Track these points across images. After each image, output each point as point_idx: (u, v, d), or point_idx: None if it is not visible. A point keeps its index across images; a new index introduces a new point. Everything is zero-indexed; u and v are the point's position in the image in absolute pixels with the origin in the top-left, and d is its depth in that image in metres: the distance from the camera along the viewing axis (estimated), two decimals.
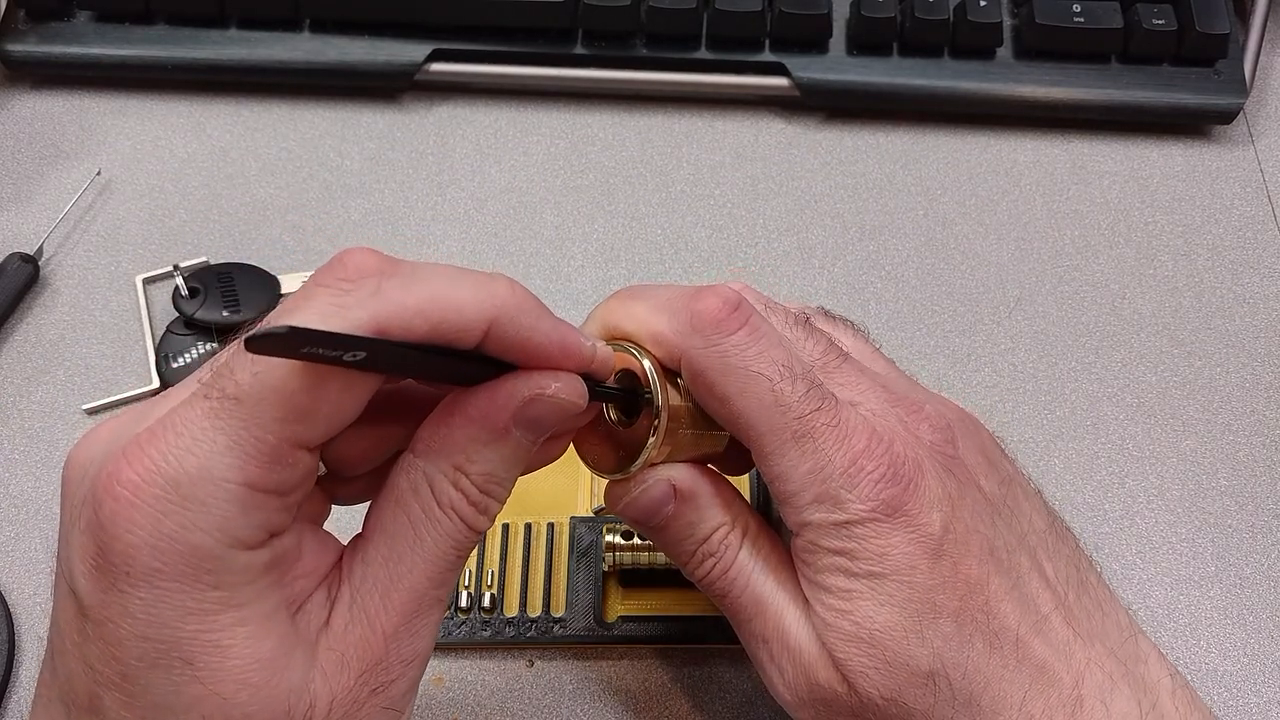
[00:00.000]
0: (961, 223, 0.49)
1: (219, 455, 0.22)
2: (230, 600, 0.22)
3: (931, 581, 0.27)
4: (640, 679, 0.37)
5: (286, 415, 0.22)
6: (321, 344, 0.21)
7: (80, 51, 0.51)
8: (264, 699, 0.23)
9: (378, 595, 0.24)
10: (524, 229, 0.48)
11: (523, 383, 0.25)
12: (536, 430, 0.26)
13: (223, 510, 0.22)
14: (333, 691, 0.24)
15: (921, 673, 0.27)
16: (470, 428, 0.25)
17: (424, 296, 0.23)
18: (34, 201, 0.48)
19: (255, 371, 0.22)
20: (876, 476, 0.27)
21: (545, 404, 0.25)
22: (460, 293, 0.24)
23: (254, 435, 0.22)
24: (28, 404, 0.43)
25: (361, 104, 0.52)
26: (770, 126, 0.52)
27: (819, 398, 0.28)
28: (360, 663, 0.24)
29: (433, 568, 0.25)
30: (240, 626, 0.23)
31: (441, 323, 0.23)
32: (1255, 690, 0.37)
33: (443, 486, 0.25)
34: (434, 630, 0.26)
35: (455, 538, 0.25)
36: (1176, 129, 0.52)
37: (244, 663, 0.23)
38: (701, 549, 0.30)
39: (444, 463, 0.25)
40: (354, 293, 0.23)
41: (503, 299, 0.24)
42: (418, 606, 0.25)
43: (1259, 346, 0.45)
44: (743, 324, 0.28)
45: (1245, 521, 0.41)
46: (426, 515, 0.25)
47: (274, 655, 0.23)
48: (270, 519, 0.23)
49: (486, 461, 0.25)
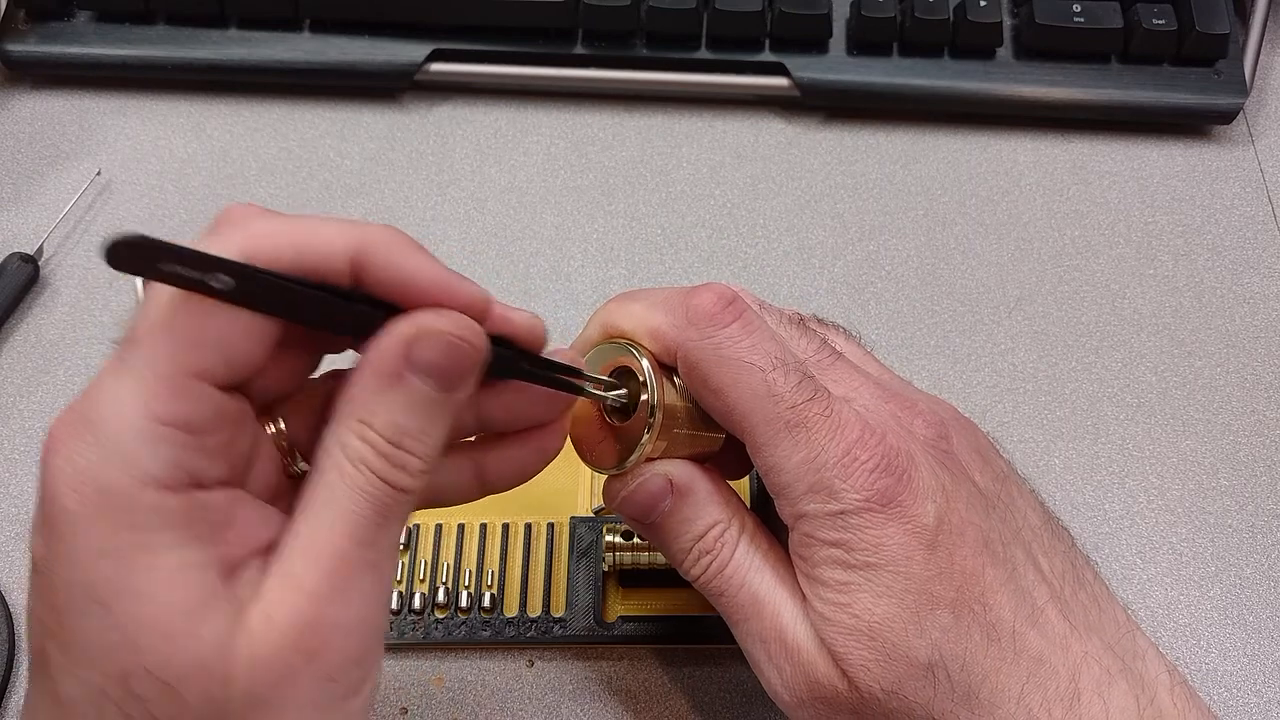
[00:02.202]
0: (961, 223, 0.49)
1: (124, 394, 0.23)
2: (145, 544, 0.23)
3: (928, 572, 0.27)
4: (640, 679, 0.37)
5: (176, 347, 0.23)
6: (179, 260, 0.22)
7: (80, 51, 0.51)
8: (180, 648, 0.22)
9: (302, 557, 0.24)
10: (524, 229, 0.48)
11: (405, 322, 0.25)
12: (436, 375, 0.25)
13: (130, 444, 0.22)
14: (255, 649, 0.23)
15: (921, 664, 0.27)
16: (367, 379, 0.25)
17: (290, 226, 0.25)
18: (34, 201, 0.48)
19: (147, 314, 0.23)
20: (870, 466, 0.27)
21: (433, 343, 0.25)
22: (329, 225, 0.25)
23: (151, 370, 0.23)
24: (28, 404, 0.43)
25: (361, 104, 0.52)
26: (770, 126, 0.52)
27: (812, 389, 0.28)
28: (286, 623, 0.23)
29: (352, 526, 0.24)
30: (156, 573, 0.23)
31: (306, 248, 0.24)
32: (1255, 690, 0.37)
33: (349, 442, 0.24)
34: (372, 598, 0.25)
35: (370, 494, 0.24)
36: (1176, 129, 0.52)
37: (159, 610, 0.22)
38: (697, 546, 0.30)
39: (350, 420, 0.25)
40: (225, 229, 0.25)
41: (372, 233, 0.25)
42: (345, 568, 0.24)
43: (1259, 346, 0.45)
44: (736, 317, 0.29)
45: (1245, 521, 0.41)
46: (339, 474, 0.24)
47: (193, 606, 0.23)
48: (182, 457, 0.23)
49: (388, 412, 0.24)
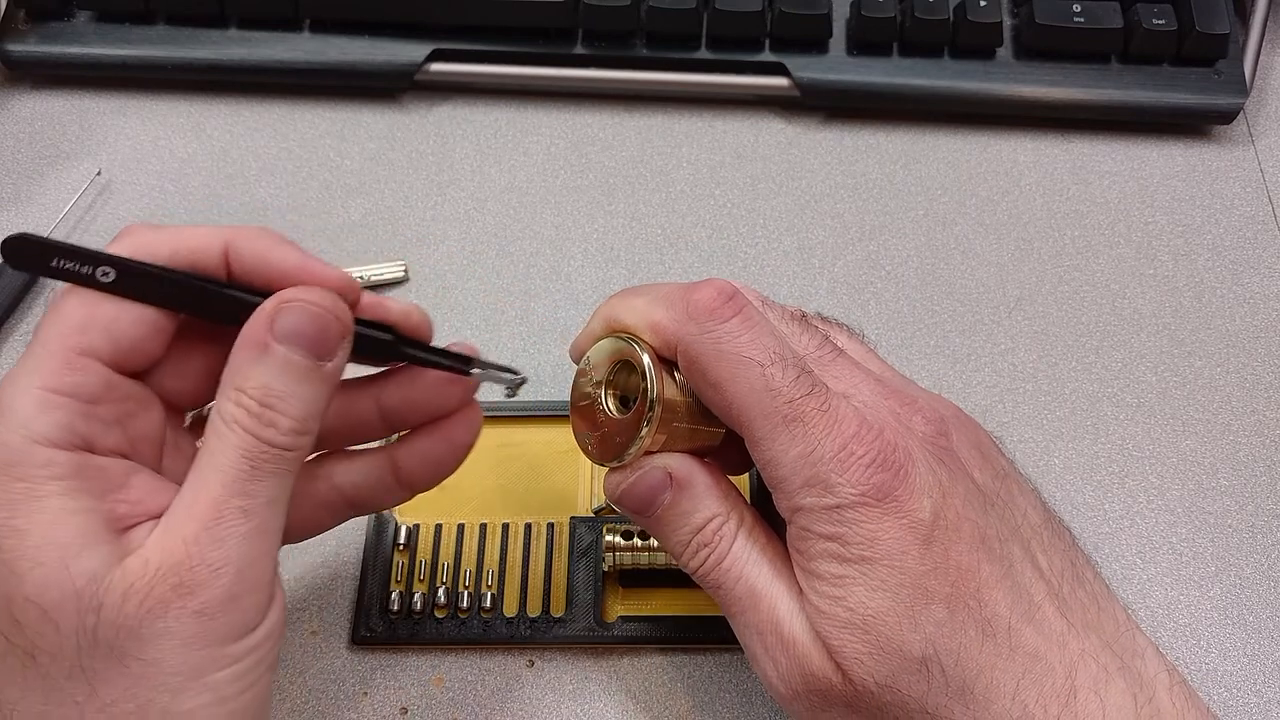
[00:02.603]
0: (961, 223, 0.49)
1: (19, 370, 0.27)
2: (32, 492, 0.26)
3: (923, 567, 0.27)
4: (640, 679, 0.37)
5: (64, 328, 0.27)
6: (67, 256, 0.27)
7: (80, 51, 0.51)
8: (56, 578, 0.25)
9: (181, 509, 0.27)
10: (524, 229, 0.48)
11: (274, 299, 0.28)
12: (300, 342, 0.28)
13: (24, 409, 0.26)
14: (128, 580, 0.26)
15: (915, 658, 0.27)
16: (239, 352, 0.28)
17: (169, 231, 0.29)
18: (34, 201, 0.48)
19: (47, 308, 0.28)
20: (866, 461, 0.27)
21: (294, 311, 0.28)
22: (202, 228, 0.29)
23: (44, 349, 0.27)
24: None
25: (361, 104, 0.52)
26: (770, 126, 0.52)
27: (809, 384, 0.28)
28: (159, 560, 0.26)
29: (226, 476, 0.27)
30: (40, 514, 0.26)
31: (181, 246, 0.28)
32: (1255, 690, 0.37)
33: (226, 407, 0.27)
34: (248, 542, 0.27)
35: (241, 447, 0.27)
36: (1176, 129, 0.52)
37: (38, 544, 0.25)
38: (696, 539, 0.30)
39: (227, 389, 0.28)
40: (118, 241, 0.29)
41: (241, 230, 0.29)
42: (217, 514, 0.26)
43: (1259, 346, 0.45)
44: (736, 312, 0.29)
45: (1245, 521, 0.41)
46: (215, 434, 0.27)
47: (71, 542, 0.26)
48: (73, 422, 0.27)
49: (259, 376, 0.27)
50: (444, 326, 0.45)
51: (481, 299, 0.46)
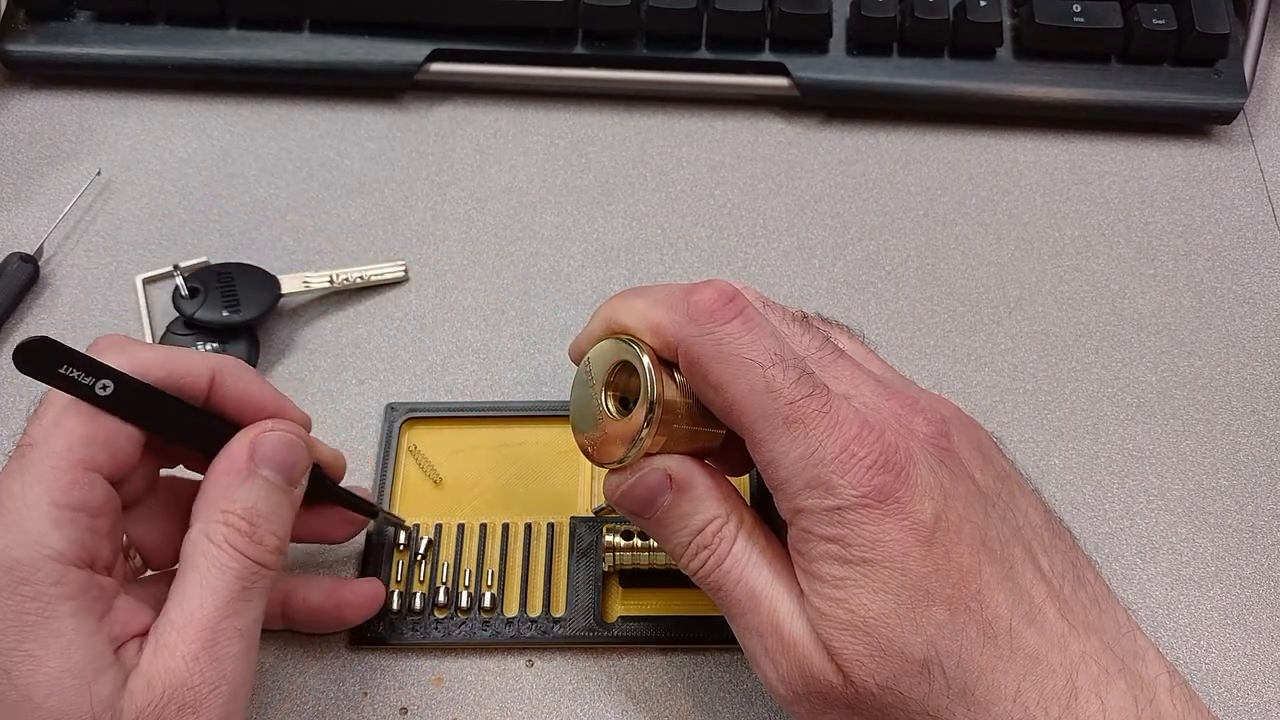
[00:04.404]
0: (961, 223, 0.49)
1: (28, 484, 0.27)
2: (45, 613, 0.26)
3: (924, 569, 0.27)
4: (640, 679, 0.37)
5: (74, 442, 0.28)
6: (73, 364, 0.28)
7: (80, 51, 0.51)
8: (73, 704, 0.26)
9: (176, 630, 0.28)
10: (524, 229, 0.48)
11: (253, 428, 0.31)
12: (277, 467, 0.30)
13: (37, 524, 0.27)
14: (137, 705, 0.27)
15: (916, 660, 0.27)
16: (223, 477, 0.30)
17: (163, 352, 0.31)
18: (34, 201, 0.48)
19: (41, 422, 0.29)
20: (868, 463, 0.27)
21: (272, 439, 0.31)
22: (191, 353, 0.32)
23: (48, 464, 0.28)
24: (28, 404, 0.42)
25: (361, 104, 0.52)
26: (770, 126, 0.52)
27: (810, 385, 0.28)
28: (163, 683, 0.27)
29: (220, 598, 0.28)
30: (55, 639, 0.26)
31: (174, 369, 0.30)
32: (1255, 690, 0.37)
33: (215, 530, 0.29)
34: (239, 663, 0.29)
35: (234, 569, 0.29)
36: (1176, 129, 0.52)
37: (55, 671, 0.26)
38: (696, 540, 0.30)
39: (212, 512, 0.29)
40: (108, 352, 0.30)
41: (223, 360, 0.32)
42: (214, 636, 0.28)
43: (1259, 346, 0.45)
44: (737, 314, 0.29)
45: (1245, 521, 0.41)
46: (206, 557, 0.29)
47: (84, 668, 0.26)
48: (83, 537, 0.28)
49: (245, 498, 0.30)
50: (444, 326, 0.45)
51: (481, 299, 0.46)
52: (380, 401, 0.43)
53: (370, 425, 0.42)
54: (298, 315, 0.45)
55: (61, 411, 0.29)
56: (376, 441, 0.41)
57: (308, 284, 0.45)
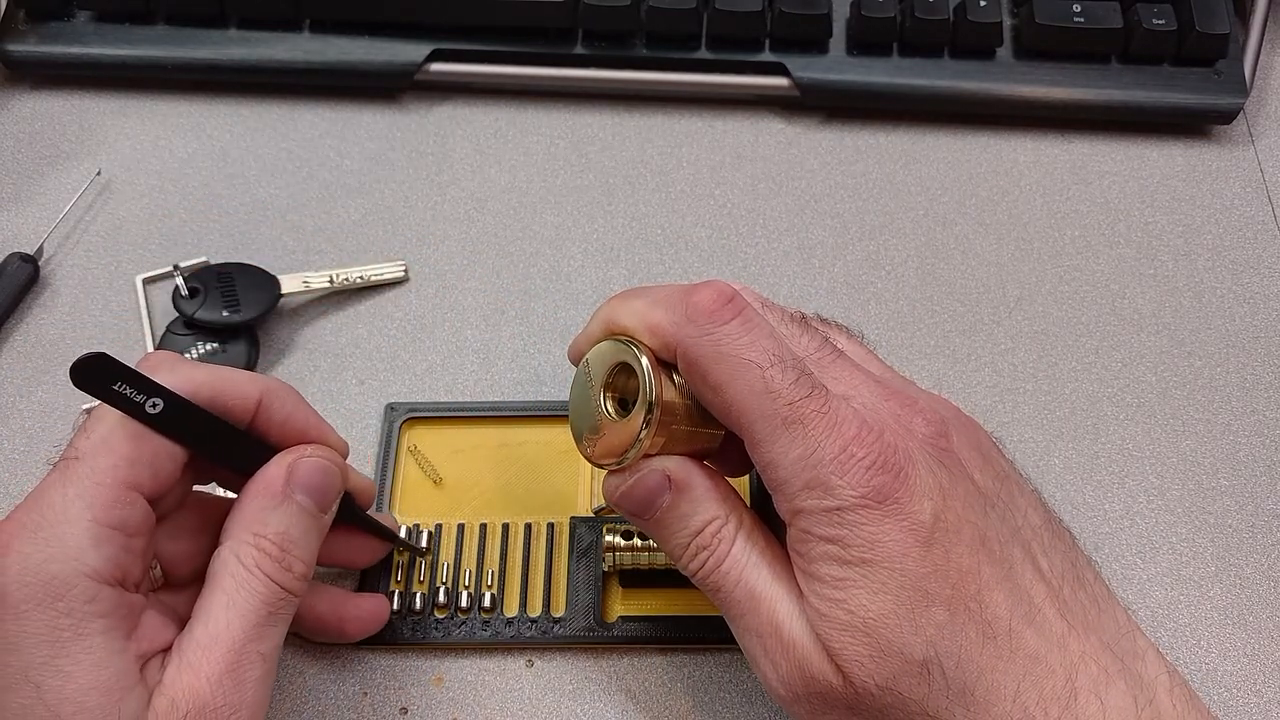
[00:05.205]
0: (961, 223, 0.49)
1: (71, 499, 0.27)
2: (79, 629, 0.27)
3: (923, 570, 0.27)
4: (640, 679, 0.37)
5: (116, 461, 0.28)
6: (128, 380, 0.28)
7: (80, 51, 0.51)
8: None
9: (200, 650, 0.28)
10: (524, 229, 0.48)
11: (290, 452, 0.31)
12: (311, 493, 0.31)
13: (78, 541, 0.27)
14: None
15: (916, 661, 0.27)
16: (258, 499, 0.30)
17: (212, 370, 0.31)
18: (34, 201, 0.48)
19: (89, 436, 0.29)
20: (867, 463, 0.27)
21: (309, 465, 0.31)
22: (241, 374, 0.32)
23: (93, 480, 0.28)
24: (28, 404, 0.43)
25: (361, 104, 0.52)
26: (770, 126, 0.52)
27: (809, 385, 0.28)
28: (187, 703, 0.28)
29: (246, 621, 0.29)
30: (86, 655, 0.27)
31: (224, 389, 0.30)
32: (1255, 690, 0.37)
33: (246, 551, 0.29)
34: (259, 686, 0.29)
35: (262, 593, 0.29)
36: (1176, 129, 0.52)
37: (83, 687, 0.26)
38: (695, 541, 0.30)
39: (244, 534, 0.30)
40: (159, 368, 0.30)
41: (271, 382, 0.32)
42: (238, 659, 0.28)
43: (1259, 346, 0.45)
44: (736, 314, 0.29)
45: (1245, 521, 0.41)
46: (235, 579, 0.29)
47: (112, 685, 0.27)
48: (119, 556, 0.28)
49: (278, 523, 0.30)
50: (444, 326, 0.45)
51: (481, 299, 0.46)
52: (380, 401, 0.43)
53: (370, 425, 0.42)
54: (298, 315, 0.45)
55: (110, 429, 0.29)
56: (376, 441, 0.41)
57: (308, 284, 0.45)
